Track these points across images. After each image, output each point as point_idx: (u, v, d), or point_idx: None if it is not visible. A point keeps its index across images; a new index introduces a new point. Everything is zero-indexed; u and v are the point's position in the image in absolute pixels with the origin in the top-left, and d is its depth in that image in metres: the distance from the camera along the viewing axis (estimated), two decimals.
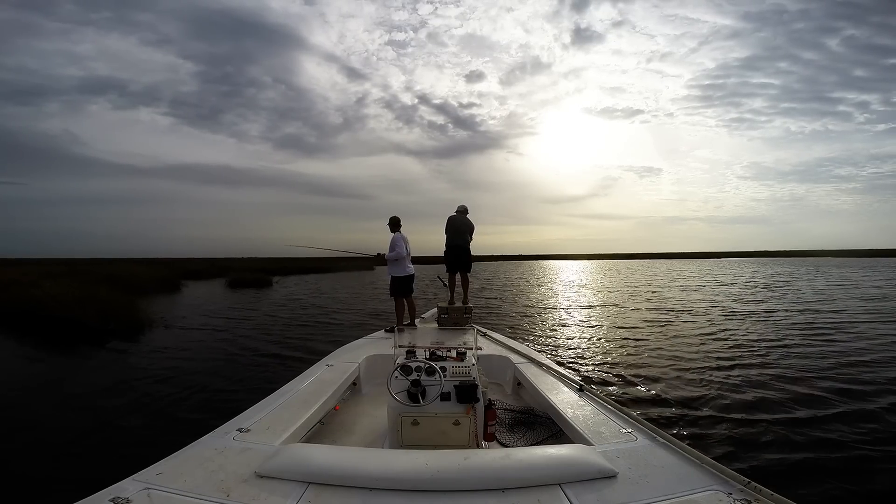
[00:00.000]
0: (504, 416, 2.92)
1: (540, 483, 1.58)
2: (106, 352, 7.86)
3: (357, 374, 3.47)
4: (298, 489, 1.52)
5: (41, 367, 7.02)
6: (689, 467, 1.75)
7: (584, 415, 2.38)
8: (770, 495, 1.49)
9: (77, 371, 6.61)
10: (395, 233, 5.36)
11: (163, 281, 21.30)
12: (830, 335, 8.40)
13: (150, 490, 1.48)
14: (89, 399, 5.15)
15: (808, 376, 5.73)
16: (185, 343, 8.47)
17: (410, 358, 2.50)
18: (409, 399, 2.20)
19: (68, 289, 11.24)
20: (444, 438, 2.19)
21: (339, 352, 4.03)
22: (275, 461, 1.66)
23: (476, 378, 2.37)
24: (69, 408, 4.86)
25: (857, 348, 7.31)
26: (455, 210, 5.62)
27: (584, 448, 1.86)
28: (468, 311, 5.09)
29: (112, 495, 1.42)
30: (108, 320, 9.50)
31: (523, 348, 4.12)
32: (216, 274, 31.07)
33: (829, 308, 12.31)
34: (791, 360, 6.56)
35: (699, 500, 1.51)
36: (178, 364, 6.77)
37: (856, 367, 6.15)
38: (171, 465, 1.70)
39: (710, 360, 6.64)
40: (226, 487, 1.53)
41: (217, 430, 2.08)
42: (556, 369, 3.29)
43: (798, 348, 7.38)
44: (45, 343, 8.67)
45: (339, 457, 1.72)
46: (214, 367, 6.60)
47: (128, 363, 6.93)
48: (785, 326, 9.55)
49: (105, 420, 4.48)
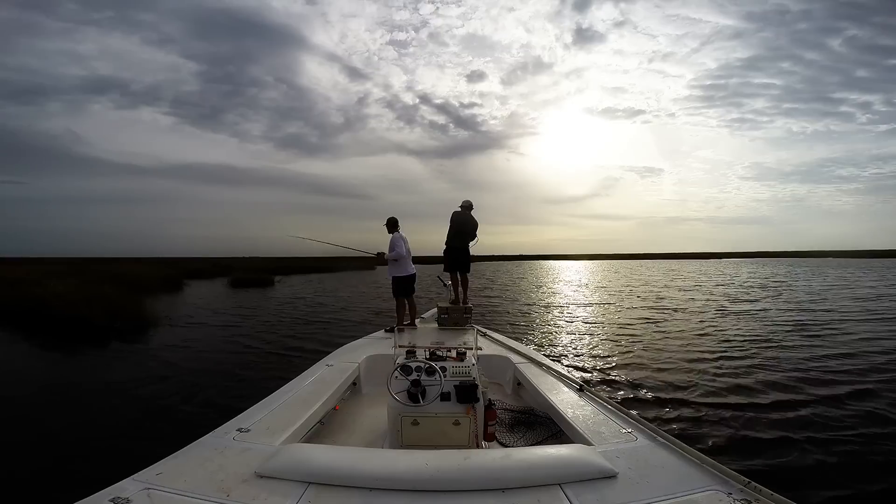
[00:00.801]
0: (504, 416, 2.92)
1: (540, 483, 1.57)
2: (112, 350, 7.92)
3: (357, 374, 3.47)
4: (298, 489, 1.51)
5: (46, 365, 7.07)
6: (689, 467, 1.74)
7: (584, 415, 2.38)
8: (770, 495, 1.48)
9: (83, 370, 6.64)
10: (394, 233, 5.36)
11: (166, 280, 21.46)
12: (832, 337, 8.37)
13: (150, 490, 1.48)
14: (92, 398, 5.17)
15: (808, 377, 5.73)
16: (190, 342, 8.55)
17: (410, 358, 2.49)
18: (409, 399, 2.20)
19: (74, 287, 11.32)
20: (445, 438, 2.19)
21: (339, 352, 4.03)
22: (275, 461, 1.66)
23: (476, 378, 2.37)
24: (71, 407, 4.88)
25: (861, 349, 7.30)
26: (460, 206, 5.58)
27: (584, 448, 1.86)
28: (468, 311, 5.09)
29: (112, 495, 1.42)
30: (115, 319, 9.58)
31: (523, 348, 4.12)
32: (218, 273, 31.13)
33: (833, 308, 12.30)
34: (792, 361, 6.55)
35: (699, 500, 1.51)
36: (182, 363, 6.83)
37: (857, 367, 6.15)
38: (171, 465, 1.69)
39: (711, 361, 6.63)
40: (226, 487, 1.52)
41: (217, 430, 2.07)
42: (556, 369, 3.29)
43: (798, 348, 7.37)
44: (51, 341, 8.70)
45: (339, 457, 1.72)
46: (217, 367, 6.62)
47: (134, 361, 6.98)
48: (785, 326, 9.54)
49: (108, 419, 4.50)
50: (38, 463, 3.56)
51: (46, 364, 7.08)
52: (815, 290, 17.91)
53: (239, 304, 15.56)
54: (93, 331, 9.11)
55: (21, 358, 7.48)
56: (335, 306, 14.24)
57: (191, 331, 9.79)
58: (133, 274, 19.43)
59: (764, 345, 7.66)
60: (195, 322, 11.03)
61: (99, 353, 7.72)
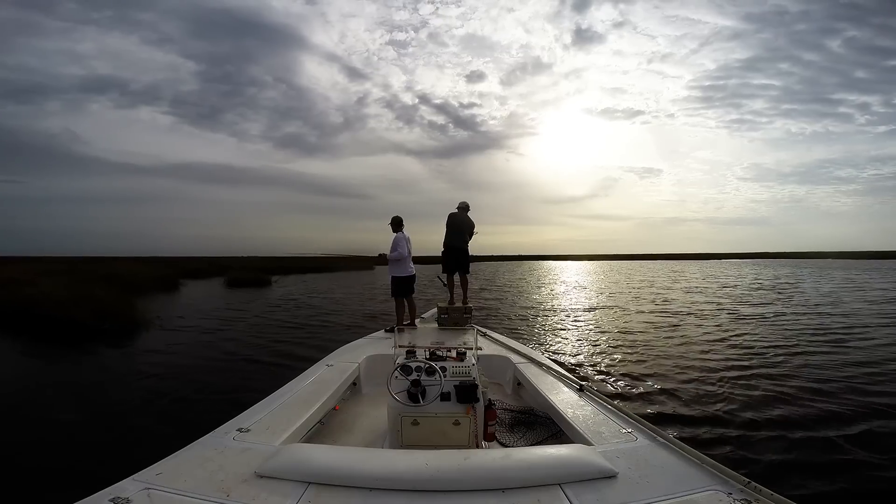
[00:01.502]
0: (504, 416, 2.92)
1: (540, 483, 1.57)
2: (101, 351, 7.80)
3: (357, 374, 3.47)
4: (298, 489, 1.51)
5: (36, 365, 7.00)
6: (689, 467, 1.75)
7: (584, 415, 2.38)
8: (770, 495, 1.49)
9: (72, 371, 6.57)
10: (398, 233, 5.36)
11: (161, 280, 21.10)
12: (834, 337, 8.37)
13: (150, 490, 1.48)
14: (85, 398, 5.14)
15: (809, 377, 5.74)
16: (179, 343, 8.38)
17: (410, 358, 2.49)
18: (409, 399, 2.20)
19: (64, 288, 11.10)
20: (444, 438, 2.19)
21: (339, 352, 4.02)
22: (275, 461, 1.66)
23: (476, 378, 2.37)
24: (67, 407, 4.85)
25: (864, 350, 7.31)
26: (456, 206, 5.59)
27: (584, 448, 1.86)
28: (468, 311, 5.10)
29: (112, 495, 1.42)
30: (104, 319, 9.38)
31: (523, 348, 4.12)
32: (215, 273, 30.88)
33: (835, 310, 12.27)
34: (792, 361, 6.56)
35: (699, 500, 1.51)
36: (170, 364, 6.70)
37: (861, 368, 6.14)
38: (171, 465, 1.69)
39: (711, 361, 6.64)
40: (226, 487, 1.52)
41: (217, 430, 2.07)
42: (556, 369, 3.29)
43: (799, 349, 7.38)
44: (40, 342, 8.61)
45: (339, 457, 1.72)
46: (207, 368, 6.50)
47: (122, 363, 6.89)
48: (785, 327, 9.56)
49: (103, 420, 4.47)
50: (38, 463, 3.54)
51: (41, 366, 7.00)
52: (825, 292, 17.56)
53: (233, 304, 15.30)
54: (82, 331, 8.94)
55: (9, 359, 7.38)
56: (329, 308, 13.95)
57: (184, 332, 9.61)
58: (128, 273, 19.16)
59: (764, 345, 7.65)
60: (189, 323, 10.80)
61: (88, 354, 7.58)
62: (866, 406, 4.64)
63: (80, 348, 8.02)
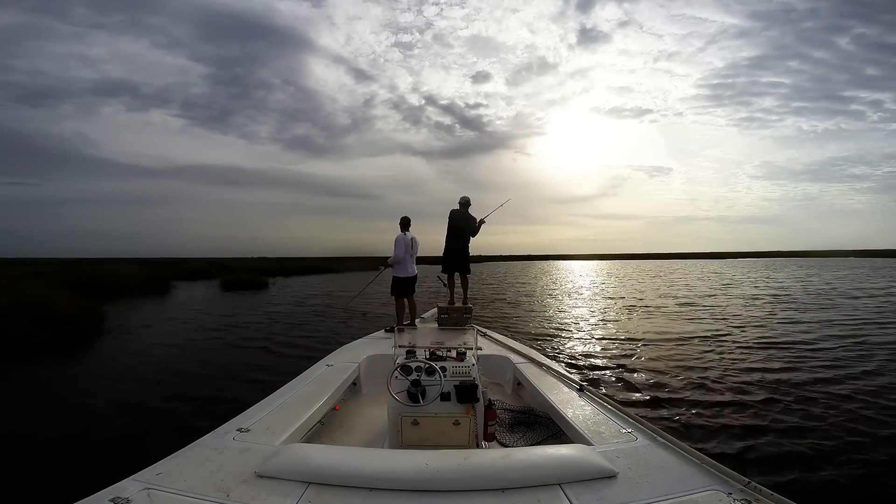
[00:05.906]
0: (504, 416, 2.92)
1: (540, 483, 1.57)
2: (12, 371, 6.55)
3: (357, 374, 3.47)
4: (298, 489, 1.52)
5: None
6: (689, 467, 1.75)
7: (584, 415, 2.38)
8: (770, 495, 1.49)
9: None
10: (402, 233, 5.38)
11: (150, 282, 19.49)
12: (834, 338, 8.35)
13: (150, 490, 1.48)
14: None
15: (810, 377, 5.72)
16: (119, 361, 7.10)
17: (410, 358, 2.49)
18: (409, 399, 2.20)
19: (5, 294, 8.96)
20: (444, 438, 2.19)
21: (339, 352, 4.03)
22: (275, 461, 1.66)
23: (476, 378, 2.37)
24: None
25: (864, 349, 7.30)
26: (457, 202, 5.56)
27: (584, 448, 1.86)
28: (468, 311, 5.10)
29: (112, 495, 1.42)
30: (41, 330, 7.98)
31: (523, 348, 4.12)
32: (216, 274, 30.30)
33: (831, 309, 12.29)
34: (793, 362, 6.55)
35: (699, 500, 1.51)
36: (91, 388, 5.58)
37: (860, 368, 6.14)
38: (171, 465, 1.69)
39: (711, 361, 6.63)
40: (226, 487, 1.52)
41: (217, 430, 2.07)
42: (556, 369, 3.29)
43: (799, 348, 7.37)
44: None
45: (339, 457, 1.72)
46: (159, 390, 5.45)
47: (31, 385, 5.74)
48: (785, 327, 9.54)
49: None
50: (37, 464, 3.54)
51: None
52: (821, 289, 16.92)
53: (214, 311, 13.75)
54: (5, 344, 7.43)
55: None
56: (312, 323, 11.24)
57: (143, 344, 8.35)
58: (111, 276, 17.89)
59: (764, 346, 7.63)
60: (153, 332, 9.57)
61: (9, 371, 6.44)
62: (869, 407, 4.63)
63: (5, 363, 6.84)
